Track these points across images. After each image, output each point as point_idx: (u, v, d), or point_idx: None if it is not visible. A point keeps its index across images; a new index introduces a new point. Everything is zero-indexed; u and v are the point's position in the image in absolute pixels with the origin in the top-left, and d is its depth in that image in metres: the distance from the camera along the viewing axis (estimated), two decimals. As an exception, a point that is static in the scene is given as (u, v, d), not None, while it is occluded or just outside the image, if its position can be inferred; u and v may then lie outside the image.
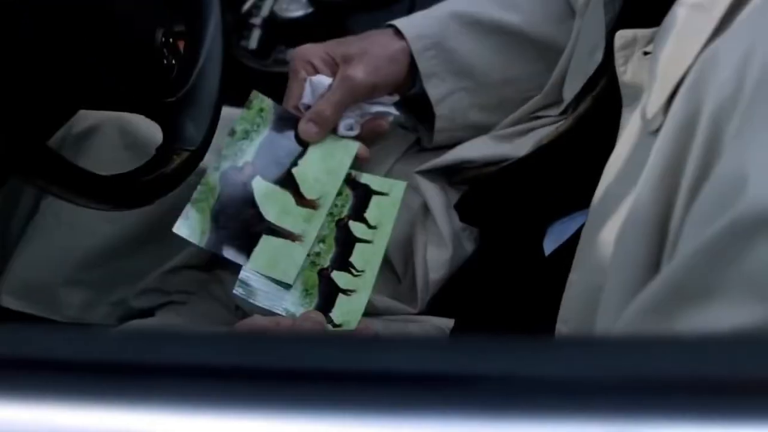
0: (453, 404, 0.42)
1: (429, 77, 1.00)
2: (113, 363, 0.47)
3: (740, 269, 0.52)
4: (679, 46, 0.65)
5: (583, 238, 0.77)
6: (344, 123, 0.98)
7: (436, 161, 1.00)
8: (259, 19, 1.35)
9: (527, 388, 0.41)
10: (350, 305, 0.90)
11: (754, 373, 0.40)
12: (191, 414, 0.44)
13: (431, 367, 0.42)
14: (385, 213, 0.94)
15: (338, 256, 0.93)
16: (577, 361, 0.41)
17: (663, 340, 0.45)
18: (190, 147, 0.90)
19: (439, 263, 0.95)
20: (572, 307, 0.77)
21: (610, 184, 0.74)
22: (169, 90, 0.91)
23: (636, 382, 0.40)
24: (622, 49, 0.77)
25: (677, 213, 0.60)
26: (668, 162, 0.61)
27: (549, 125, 0.95)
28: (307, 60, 0.99)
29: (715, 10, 0.63)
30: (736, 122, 0.55)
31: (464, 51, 1.01)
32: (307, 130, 0.97)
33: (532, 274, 0.89)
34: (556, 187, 0.91)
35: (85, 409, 0.44)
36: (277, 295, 0.91)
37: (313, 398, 0.44)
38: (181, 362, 0.47)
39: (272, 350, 0.48)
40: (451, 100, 1.01)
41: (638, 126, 0.71)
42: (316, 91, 0.98)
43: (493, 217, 0.97)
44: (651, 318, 0.58)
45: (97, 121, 1.06)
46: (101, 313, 1.07)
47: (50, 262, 1.05)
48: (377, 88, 0.98)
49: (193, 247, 0.96)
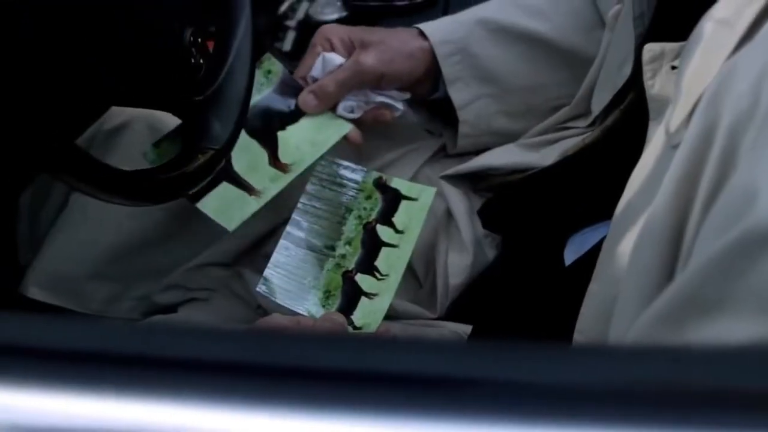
0: (454, 407, 0.42)
1: (453, 82, 1.00)
2: (116, 354, 0.48)
3: (749, 283, 0.52)
4: (704, 61, 0.65)
5: (604, 249, 0.76)
6: (345, 104, 0.99)
7: (462, 167, 1.00)
8: (294, 22, 1.36)
9: (518, 394, 0.40)
10: (372, 308, 0.90)
11: (737, 383, 0.39)
12: (193, 407, 0.44)
13: (431, 370, 0.42)
14: (413, 218, 0.94)
15: (363, 259, 0.93)
16: (568, 369, 0.40)
17: (656, 350, 0.45)
18: (214, 146, 0.90)
19: (460, 268, 0.95)
20: (589, 318, 0.76)
21: (632, 196, 0.73)
22: (196, 89, 0.91)
23: (629, 390, 0.40)
24: (650, 62, 0.77)
25: (692, 224, 0.60)
26: (685, 173, 0.61)
27: (576, 136, 0.95)
28: (327, 37, 1.01)
29: (738, 25, 0.63)
30: (752, 135, 0.55)
31: (489, 57, 1.01)
32: (307, 100, 0.99)
33: (551, 283, 0.88)
34: (579, 198, 0.91)
35: (101, 401, 0.45)
36: (300, 294, 0.91)
37: (315, 397, 0.44)
38: (183, 356, 0.47)
39: (276, 348, 0.48)
40: (475, 106, 1.01)
41: (662, 140, 0.71)
42: (326, 67, 0.99)
43: (515, 225, 0.96)
44: (662, 328, 0.58)
45: (127, 118, 1.07)
46: (125, 308, 1.08)
47: (77, 255, 1.06)
48: (385, 79, 0.99)
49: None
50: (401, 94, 1.01)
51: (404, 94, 1.01)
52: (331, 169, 0.98)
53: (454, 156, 1.06)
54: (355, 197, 0.96)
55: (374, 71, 0.98)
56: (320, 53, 1.00)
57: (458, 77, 1.00)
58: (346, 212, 0.96)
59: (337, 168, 0.98)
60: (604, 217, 0.78)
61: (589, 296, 0.77)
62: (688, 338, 0.56)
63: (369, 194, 0.97)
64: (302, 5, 1.38)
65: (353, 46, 1.00)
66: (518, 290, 0.91)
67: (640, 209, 0.70)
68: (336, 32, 1.01)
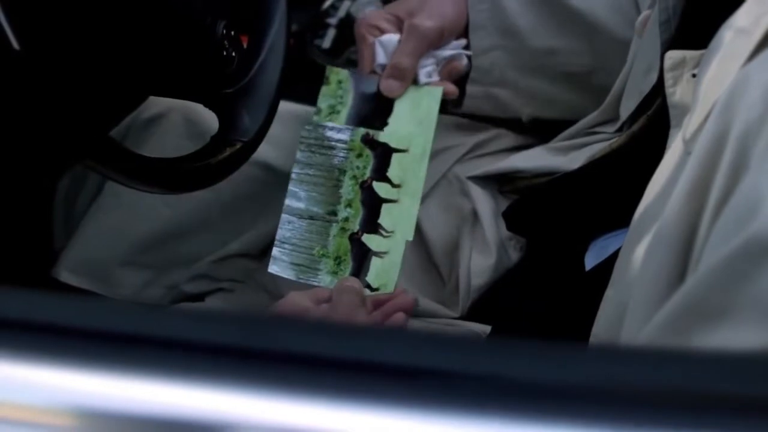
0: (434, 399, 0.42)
1: (476, 29, 1.01)
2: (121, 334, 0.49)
3: (752, 291, 0.52)
4: (720, 69, 0.65)
5: (621, 255, 0.76)
6: (423, 71, 0.98)
7: (489, 168, 1.00)
8: (336, 20, 1.37)
9: (504, 389, 0.41)
10: (384, 267, 0.90)
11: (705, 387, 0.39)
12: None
13: (406, 360, 0.43)
14: (408, 170, 0.93)
15: (366, 218, 0.93)
16: (544, 366, 0.41)
17: (645, 352, 0.45)
18: (243, 138, 0.92)
19: (483, 269, 0.96)
20: (605, 323, 0.76)
21: (649, 203, 0.73)
22: (228, 81, 0.93)
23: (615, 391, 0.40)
24: (672, 69, 0.77)
25: (702, 231, 0.60)
26: (697, 181, 0.61)
27: (603, 141, 0.94)
28: (372, 24, 0.99)
29: (755, 34, 0.63)
30: (763, 143, 0.55)
31: (515, 12, 1.01)
32: (389, 85, 0.96)
33: (571, 287, 0.88)
34: (603, 203, 0.91)
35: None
36: (311, 267, 0.92)
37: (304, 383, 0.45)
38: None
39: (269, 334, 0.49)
40: (491, 55, 1.02)
41: (680, 147, 0.70)
42: (387, 49, 0.98)
43: (539, 228, 0.96)
44: (669, 334, 0.58)
45: (164, 109, 1.09)
46: (154, 295, 1.10)
47: (109, 242, 1.08)
48: (445, 32, 0.99)
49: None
50: (459, 42, 1.01)
51: (461, 41, 1.01)
52: (317, 133, 0.97)
53: (483, 156, 1.06)
54: (346, 157, 0.95)
55: (433, 29, 0.97)
56: (373, 41, 0.99)
57: (482, 25, 1.01)
58: (340, 174, 0.95)
59: (323, 131, 0.97)
60: (626, 224, 0.77)
61: (605, 301, 0.77)
62: (693, 345, 0.56)
63: (359, 152, 0.96)
64: (344, 4, 1.39)
65: (400, 20, 0.99)
66: (538, 293, 0.91)
67: (656, 215, 0.70)
68: (378, 16, 1.00)
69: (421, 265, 1.02)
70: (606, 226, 0.89)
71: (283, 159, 1.08)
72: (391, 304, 0.84)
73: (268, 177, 1.08)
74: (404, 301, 0.85)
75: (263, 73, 0.95)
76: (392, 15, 0.99)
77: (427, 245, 1.02)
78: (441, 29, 0.98)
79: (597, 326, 0.77)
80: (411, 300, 0.85)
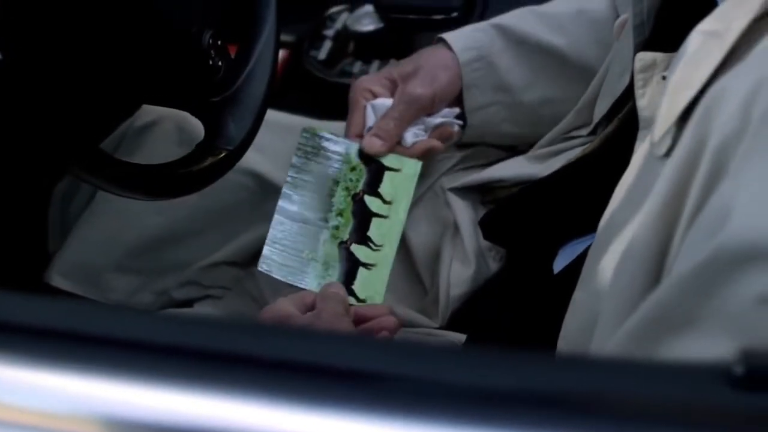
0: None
1: (469, 88, 1.02)
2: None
3: (717, 303, 0.52)
4: (689, 72, 0.65)
5: (589, 258, 0.76)
6: (410, 132, 0.99)
7: (469, 179, 1.02)
8: (332, 31, 1.39)
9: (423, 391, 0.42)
10: (372, 279, 0.92)
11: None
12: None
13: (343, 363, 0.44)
14: (399, 189, 0.95)
15: (356, 229, 0.95)
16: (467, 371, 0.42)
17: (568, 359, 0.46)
18: (228, 146, 0.93)
19: (462, 279, 0.96)
20: (573, 326, 0.76)
21: (616, 206, 0.73)
22: (214, 90, 0.94)
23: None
24: (642, 71, 0.76)
25: (675, 245, 0.60)
26: (671, 195, 0.61)
27: (580, 146, 0.95)
28: (367, 88, 1.00)
29: (727, 38, 0.63)
30: (737, 158, 0.55)
31: (507, 68, 1.02)
32: (372, 143, 0.97)
33: (543, 294, 0.89)
34: (573, 209, 0.91)
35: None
36: (299, 269, 0.93)
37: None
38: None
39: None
40: (486, 111, 1.03)
41: (647, 150, 0.70)
42: (378, 113, 0.99)
43: (514, 236, 0.97)
44: (637, 344, 0.58)
45: (157, 117, 1.11)
46: (144, 301, 1.11)
47: (100, 247, 1.10)
48: (436, 99, 1.00)
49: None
50: (452, 110, 1.02)
51: (454, 110, 1.02)
52: (314, 142, 0.98)
53: (471, 168, 1.07)
54: (340, 169, 0.97)
55: (425, 96, 0.98)
56: (365, 105, 0.99)
57: (475, 84, 1.02)
58: (333, 184, 0.96)
59: (320, 140, 0.98)
60: (595, 229, 0.78)
61: (574, 304, 0.77)
62: (661, 355, 0.56)
63: (353, 166, 0.97)
64: (342, 16, 1.40)
65: (394, 85, 1.00)
66: (515, 303, 0.92)
67: (623, 220, 0.70)
68: (372, 80, 1.01)
69: (405, 275, 1.03)
70: (577, 232, 0.89)
71: (274, 169, 1.09)
72: (376, 322, 0.85)
73: (258, 186, 1.10)
74: (388, 321, 0.85)
75: (250, 82, 0.96)
76: (387, 79, 1.00)
77: (412, 255, 1.03)
78: (432, 97, 0.99)
79: (566, 329, 0.77)
80: (394, 322, 0.85)
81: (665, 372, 0.45)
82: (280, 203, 0.96)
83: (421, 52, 1.04)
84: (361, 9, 1.39)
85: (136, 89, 0.90)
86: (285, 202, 0.96)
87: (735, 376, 0.42)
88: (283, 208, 0.96)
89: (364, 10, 1.39)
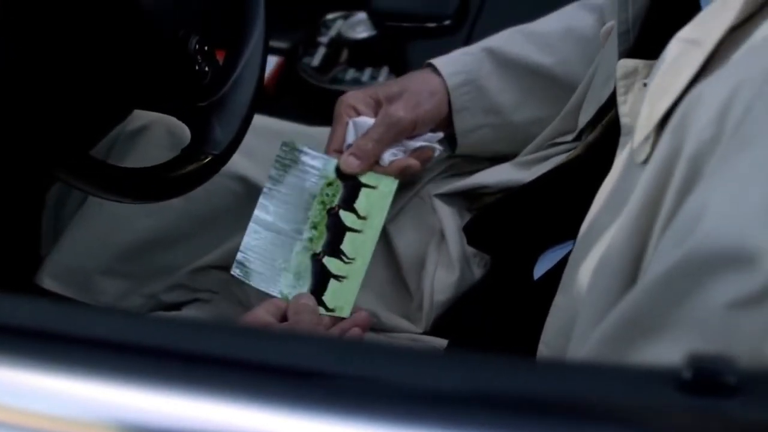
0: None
1: (459, 111, 1.02)
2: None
3: (686, 308, 0.53)
4: (668, 79, 0.65)
5: (570, 264, 0.77)
6: (388, 153, 0.99)
7: (454, 185, 1.02)
8: (326, 38, 1.40)
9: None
10: (342, 291, 0.93)
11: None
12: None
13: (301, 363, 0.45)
14: (375, 205, 0.96)
15: (329, 242, 0.96)
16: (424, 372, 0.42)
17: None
18: (214, 151, 0.94)
19: (445, 285, 0.97)
20: (553, 330, 0.77)
21: (596, 212, 0.74)
22: (201, 94, 0.95)
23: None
24: (624, 78, 0.77)
25: (650, 251, 0.61)
26: (647, 201, 0.61)
27: (565, 152, 0.95)
28: (351, 105, 1.01)
29: (706, 45, 0.63)
30: (712, 164, 0.55)
31: (496, 90, 1.03)
32: (349, 161, 0.98)
33: (525, 300, 0.89)
34: (555, 215, 0.91)
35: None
36: (272, 277, 0.95)
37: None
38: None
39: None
40: (477, 134, 1.04)
41: (627, 157, 0.71)
42: (358, 131, 0.99)
43: (497, 242, 0.97)
44: (609, 348, 0.59)
45: (148, 121, 1.12)
46: (133, 304, 1.12)
47: (90, 250, 1.10)
48: (418, 124, 1.00)
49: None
50: (435, 135, 1.02)
51: (437, 135, 1.02)
52: (293, 155, 0.99)
53: (458, 175, 1.07)
54: (317, 183, 0.98)
55: (406, 119, 0.99)
56: (347, 122, 1.00)
57: (465, 107, 1.02)
58: (309, 198, 0.97)
59: (299, 155, 0.99)
60: (575, 236, 0.78)
61: (555, 308, 0.78)
62: (633, 359, 0.56)
63: (330, 181, 0.98)
64: (336, 23, 1.41)
65: (378, 104, 1.00)
66: (499, 309, 0.92)
67: (603, 226, 0.70)
68: (357, 97, 1.01)
69: (390, 281, 1.03)
70: (557, 238, 0.90)
71: (262, 174, 1.09)
72: (348, 320, 0.89)
73: (246, 191, 1.10)
74: (360, 317, 0.89)
75: (238, 87, 0.97)
76: (372, 98, 1.01)
77: (397, 261, 1.03)
78: (414, 121, 0.99)
79: (546, 333, 0.77)
80: (366, 316, 0.88)
81: (619, 375, 0.46)
82: (256, 212, 0.97)
83: (409, 75, 1.05)
84: (356, 16, 1.40)
85: (123, 94, 0.91)
86: (261, 212, 0.97)
87: (683, 380, 0.42)
88: (259, 217, 0.97)
89: (358, 17, 1.40)
